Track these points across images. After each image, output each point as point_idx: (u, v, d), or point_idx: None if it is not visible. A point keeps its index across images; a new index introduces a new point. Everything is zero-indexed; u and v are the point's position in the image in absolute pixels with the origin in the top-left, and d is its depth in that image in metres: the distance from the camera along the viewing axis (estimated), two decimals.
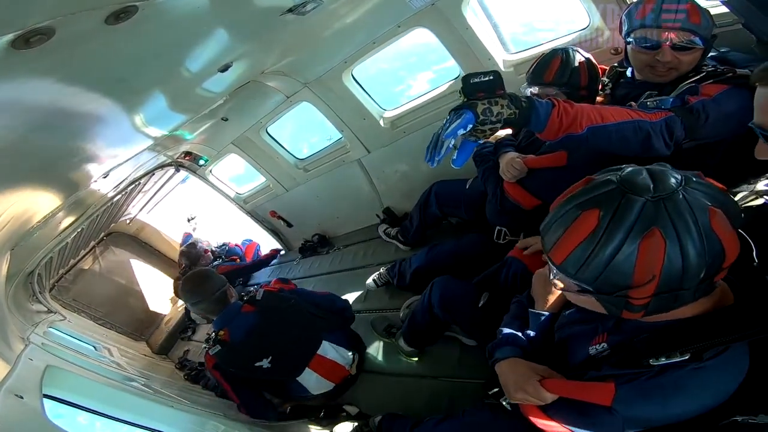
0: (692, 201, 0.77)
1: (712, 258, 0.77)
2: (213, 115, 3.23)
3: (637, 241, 0.78)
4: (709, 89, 1.51)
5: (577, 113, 1.34)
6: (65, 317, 3.86)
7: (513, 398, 1.18)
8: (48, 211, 2.19)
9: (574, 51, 1.93)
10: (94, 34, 0.87)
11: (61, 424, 1.35)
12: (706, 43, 1.56)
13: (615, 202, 0.80)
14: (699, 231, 0.76)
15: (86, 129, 1.57)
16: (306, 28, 2.23)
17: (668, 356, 0.85)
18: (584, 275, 0.85)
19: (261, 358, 2.39)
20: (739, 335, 0.81)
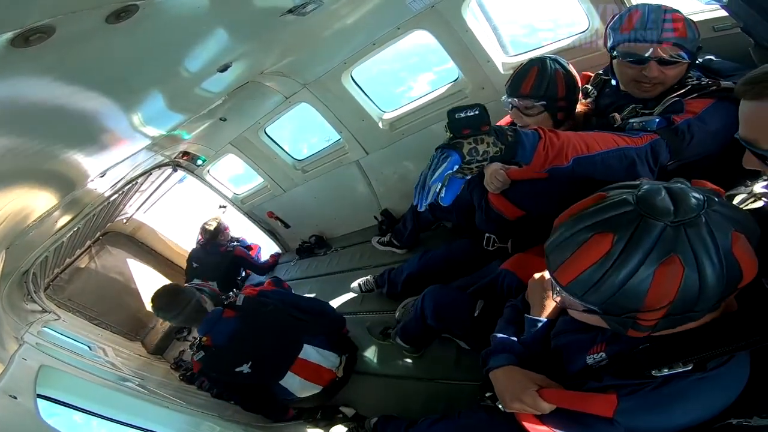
0: (714, 225, 0.74)
1: (730, 281, 0.76)
2: (211, 115, 3.22)
3: (653, 268, 0.75)
4: (694, 105, 1.51)
5: (563, 144, 1.34)
6: (60, 317, 3.83)
7: (509, 408, 1.15)
8: (44, 209, 2.18)
9: (552, 61, 1.90)
10: (94, 32, 0.87)
11: (56, 424, 1.34)
12: (691, 56, 1.55)
13: (632, 226, 0.76)
14: (720, 257, 0.73)
15: (84, 128, 1.56)
16: (306, 29, 2.23)
17: (671, 367, 0.83)
18: (592, 298, 0.83)
19: (241, 363, 2.38)
20: (743, 344, 0.79)
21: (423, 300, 2.11)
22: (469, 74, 2.79)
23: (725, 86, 1.52)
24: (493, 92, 2.80)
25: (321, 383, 2.53)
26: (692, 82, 1.58)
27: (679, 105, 1.53)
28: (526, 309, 1.38)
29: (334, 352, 2.62)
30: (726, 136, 1.38)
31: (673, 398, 0.86)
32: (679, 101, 1.53)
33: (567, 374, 1.13)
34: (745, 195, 0.96)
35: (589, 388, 1.00)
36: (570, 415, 1.02)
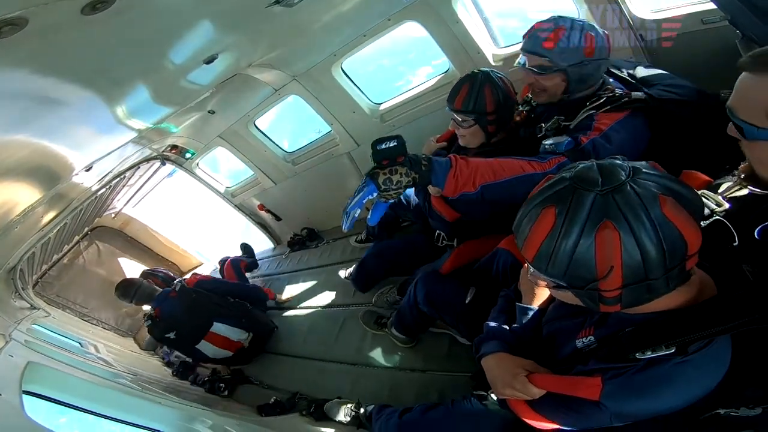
0: (641, 191, 0.79)
1: (671, 246, 0.78)
2: (199, 108, 3.17)
3: (592, 235, 0.80)
4: (603, 120, 1.61)
5: (472, 171, 1.48)
6: (49, 314, 3.79)
7: (500, 394, 1.18)
8: (28, 204, 2.13)
9: (484, 77, 2.00)
10: (69, 24, 0.84)
11: (43, 420, 1.33)
12: (570, 69, 1.67)
13: (568, 197, 0.83)
14: (651, 219, 0.77)
15: (65, 121, 1.53)
16: (294, 20, 2.19)
17: (654, 350, 0.86)
18: (554, 270, 0.87)
19: (170, 331, 3.38)
20: (724, 328, 0.81)
21: (415, 286, 2.13)
22: (459, 66, 2.77)
23: (636, 98, 1.62)
24: None
25: (230, 350, 3.41)
26: (607, 94, 1.68)
27: (588, 121, 1.65)
28: (518, 298, 1.40)
29: (242, 329, 3.43)
30: (633, 149, 1.60)
31: (657, 381, 0.88)
32: (590, 117, 1.65)
33: (557, 360, 1.15)
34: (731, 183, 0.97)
35: (577, 372, 1.02)
36: (559, 400, 1.04)
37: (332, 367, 2.87)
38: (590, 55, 1.68)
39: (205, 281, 3.69)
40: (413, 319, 2.28)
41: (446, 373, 2.27)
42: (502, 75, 2.06)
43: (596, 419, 0.98)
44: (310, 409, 2.49)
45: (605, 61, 1.72)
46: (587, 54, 1.69)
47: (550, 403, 1.08)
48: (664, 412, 0.92)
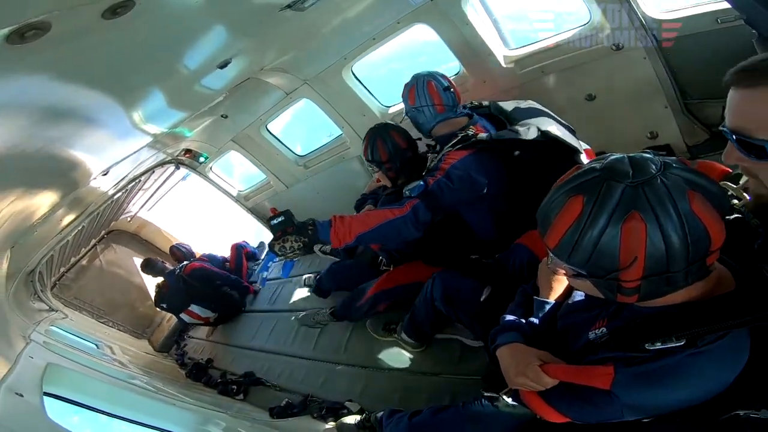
0: (671, 185, 0.79)
1: (695, 240, 0.78)
2: (212, 112, 3.23)
3: (618, 225, 0.80)
4: (449, 158, 1.93)
5: (347, 227, 1.87)
6: (67, 315, 3.87)
7: (513, 383, 1.16)
8: (48, 208, 2.19)
9: (378, 131, 2.42)
10: (90, 28, 0.86)
11: (63, 422, 1.35)
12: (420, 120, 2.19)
13: (598, 188, 0.83)
14: (678, 213, 0.77)
15: (84, 125, 1.56)
16: (305, 24, 2.22)
17: (663, 341, 0.85)
18: (576, 259, 0.87)
19: (163, 302, 4.78)
20: (735, 322, 0.80)
21: (432, 284, 2.12)
22: (470, 68, 2.77)
23: (480, 138, 1.92)
24: (494, 86, 2.78)
25: (200, 321, 4.77)
26: (462, 134, 1.98)
27: (439, 162, 1.97)
28: (536, 294, 1.40)
29: (210, 310, 4.66)
30: (474, 185, 1.94)
31: (669, 372, 0.86)
32: (443, 156, 1.97)
33: (570, 353, 1.13)
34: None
35: (588, 362, 1.01)
36: (572, 390, 1.02)
37: (343, 370, 2.86)
38: (412, 103, 2.17)
39: (198, 270, 4.69)
40: (427, 319, 2.27)
41: (457, 377, 2.24)
42: (396, 128, 2.45)
43: (608, 411, 0.96)
44: (321, 411, 2.49)
45: (428, 108, 2.12)
46: (410, 103, 2.18)
47: (563, 395, 1.06)
48: (677, 406, 0.90)
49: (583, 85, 2.53)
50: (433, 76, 2.13)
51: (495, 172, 1.99)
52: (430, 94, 2.11)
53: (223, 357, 4.14)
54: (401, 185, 2.26)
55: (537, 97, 2.74)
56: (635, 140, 2.55)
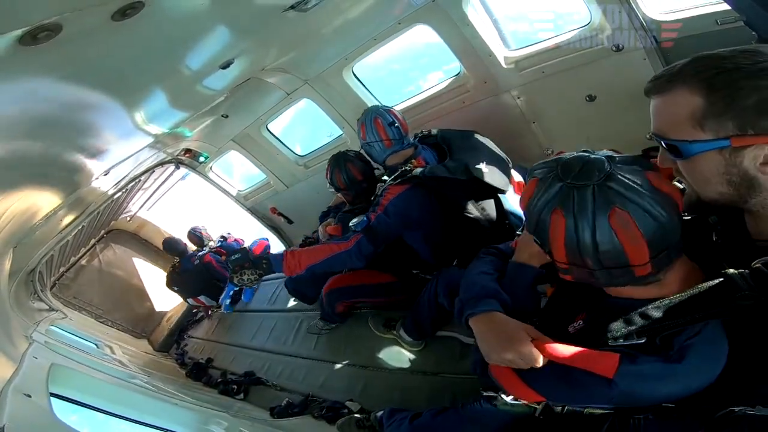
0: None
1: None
2: (213, 112, 3.23)
3: (606, 223, 0.84)
4: (388, 193, 2.14)
5: (297, 260, 2.12)
6: (66, 315, 3.86)
7: (498, 359, 1.02)
8: (49, 208, 2.19)
9: (337, 159, 2.67)
10: (100, 30, 0.87)
11: (71, 422, 1.36)
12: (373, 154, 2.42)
13: (569, 197, 0.87)
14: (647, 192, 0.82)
15: (89, 126, 1.57)
16: (307, 25, 2.22)
17: (626, 338, 0.88)
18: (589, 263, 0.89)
19: (174, 286, 5.14)
20: (686, 319, 0.83)
21: (437, 279, 2.15)
22: (471, 69, 2.78)
23: (414, 174, 2.12)
24: (495, 86, 2.79)
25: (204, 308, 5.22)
26: (402, 168, 2.18)
27: (380, 197, 2.18)
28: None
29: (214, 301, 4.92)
30: (409, 219, 2.18)
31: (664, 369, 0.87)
32: (384, 190, 2.18)
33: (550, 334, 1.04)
34: None
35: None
36: (559, 372, 0.96)
37: (344, 369, 2.87)
38: (364, 139, 2.38)
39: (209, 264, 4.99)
40: (429, 315, 2.29)
41: (458, 376, 2.25)
42: (354, 159, 2.66)
43: (598, 397, 0.94)
44: (322, 411, 2.50)
45: (377, 143, 2.33)
46: (362, 138, 2.39)
47: (549, 376, 0.98)
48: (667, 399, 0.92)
49: (584, 85, 2.54)
50: (380, 113, 2.32)
51: (428, 206, 2.20)
52: (378, 131, 2.31)
53: (223, 356, 4.15)
54: (359, 205, 2.64)
55: (537, 97, 2.78)
56: (635, 141, 2.55)
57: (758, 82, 0.71)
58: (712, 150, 0.77)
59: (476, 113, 2.99)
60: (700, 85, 0.75)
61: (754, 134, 0.72)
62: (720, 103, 0.73)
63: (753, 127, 0.72)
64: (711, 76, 0.75)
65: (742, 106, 0.72)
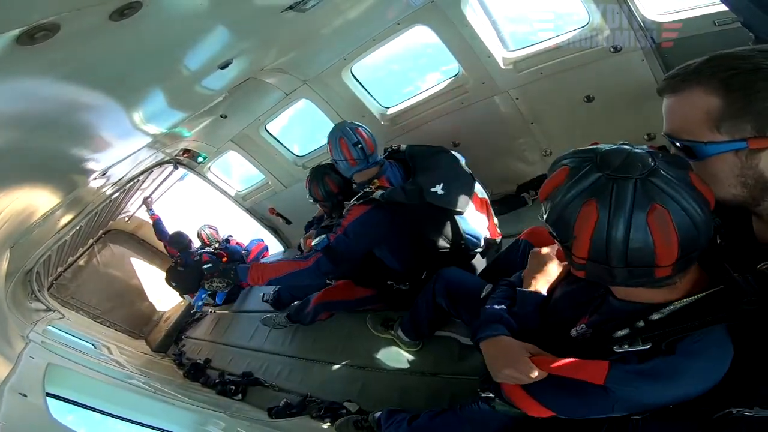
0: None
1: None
2: (212, 113, 3.22)
3: (644, 219, 0.80)
4: (350, 215, 2.24)
5: (260, 273, 2.31)
6: (64, 315, 3.85)
7: (499, 376, 1.14)
8: (47, 208, 2.19)
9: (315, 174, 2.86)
10: (98, 30, 0.87)
11: (67, 422, 1.35)
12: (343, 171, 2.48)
13: (608, 189, 0.83)
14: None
15: (87, 126, 1.57)
16: (306, 25, 2.22)
17: (631, 344, 0.87)
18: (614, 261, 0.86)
19: (173, 282, 5.24)
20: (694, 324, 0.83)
21: (436, 279, 2.15)
22: (469, 70, 2.78)
23: (373, 197, 2.19)
24: (494, 87, 2.80)
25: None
26: (365, 189, 2.26)
27: (341, 219, 2.29)
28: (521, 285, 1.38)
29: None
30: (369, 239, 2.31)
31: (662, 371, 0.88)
32: (345, 212, 2.30)
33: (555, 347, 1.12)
34: None
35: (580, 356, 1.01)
36: (559, 384, 1.01)
37: (342, 370, 2.87)
38: (332, 156, 2.44)
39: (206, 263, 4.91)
40: (426, 315, 2.29)
41: (456, 377, 2.26)
42: (332, 173, 2.79)
43: (598, 405, 0.96)
44: (320, 411, 2.50)
45: (342, 162, 2.39)
46: (331, 155, 2.46)
47: (551, 388, 1.04)
48: (670, 402, 0.91)
49: (582, 86, 2.55)
50: (345, 133, 2.35)
51: (390, 225, 2.28)
52: (342, 150, 2.36)
53: (221, 357, 4.14)
54: (336, 218, 2.77)
55: (536, 98, 2.78)
56: (633, 141, 2.52)
57: None
58: (728, 152, 0.76)
59: (475, 114, 2.99)
60: (717, 86, 0.74)
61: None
62: (738, 104, 0.72)
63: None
64: (728, 76, 0.73)
65: (760, 108, 0.71)
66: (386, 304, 2.87)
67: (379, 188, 2.23)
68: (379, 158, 2.45)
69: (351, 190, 2.69)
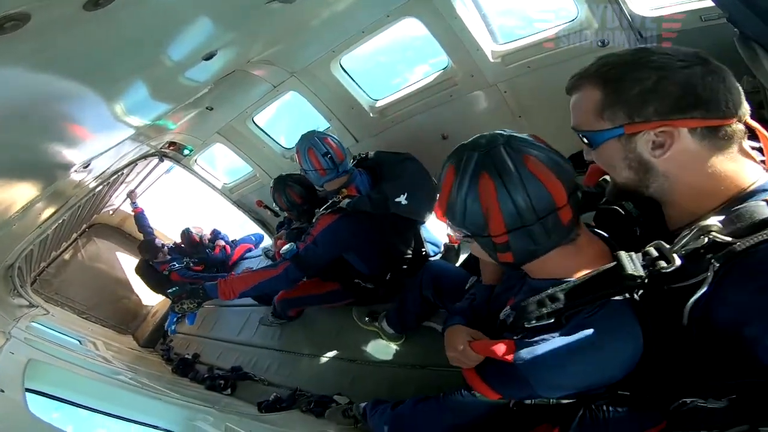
0: (510, 151, 0.94)
1: (536, 194, 0.92)
2: (197, 105, 3.16)
3: (476, 184, 0.95)
4: (319, 224, 2.31)
5: (230, 287, 2.35)
6: (48, 311, 3.77)
7: (449, 359, 1.28)
8: (26, 201, 2.12)
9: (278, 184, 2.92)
10: (72, 20, 0.84)
11: (47, 418, 1.33)
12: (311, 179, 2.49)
13: (462, 156, 0.99)
14: (518, 172, 0.92)
15: (64, 118, 1.52)
16: (293, 17, 2.18)
17: (538, 319, 0.94)
18: (457, 221, 1.02)
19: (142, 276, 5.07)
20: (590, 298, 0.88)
21: (423, 272, 2.19)
22: (458, 62, 2.77)
23: (341, 206, 2.25)
24: (483, 80, 2.79)
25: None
26: (333, 198, 2.33)
27: (310, 227, 2.35)
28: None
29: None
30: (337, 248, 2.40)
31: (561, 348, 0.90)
32: (314, 221, 2.35)
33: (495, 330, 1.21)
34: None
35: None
36: (496, 366, 1.08)
37: (332, 363, 2.89)
38: (301, 166, 2.47)
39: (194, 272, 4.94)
40: (414, 310, 2.33)
41: (445, 369, 2.27)
42: (294, 185, 2.88)
43: (522, 386, 1.00)
44: (310, 405, 2.51)
45: (312, 172, 2.42)
46: (300, 165, 2.48)
47: (492, 372, 1.13)
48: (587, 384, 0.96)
49: None
50: (313, 143, 2.38)
51: (358, 232, 2.36)
52: (311, 161, 2.39)
53: (209, 352, 4.12)
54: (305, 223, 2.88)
55: (524, 92, 2.79)
56: None
57: (639, 74, 0.78)
58: (612, 138, 0.84)
59: (464, 106, 2.99)
60: (598, 81, 0.84)
61: (641, 121, 0.79)
62: (612, 95, 0.81)
63: (639, 114, 0.79)
64: (606, 71, 0.83)
65: (628, 97, 0.79)
66: (356, 299, 2.94)
67: (346, 197, 2.29)
68: (349, 167, 2.49)
69: (316, 198, 2.81)
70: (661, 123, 0.77)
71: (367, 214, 2.27)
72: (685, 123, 0.77)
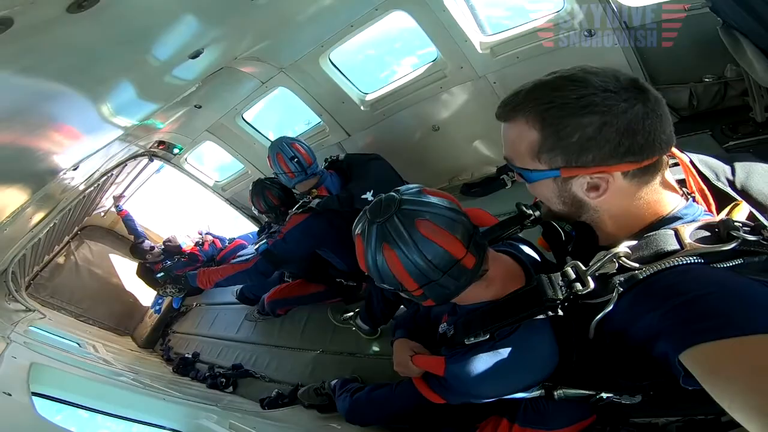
0: (403, 219, 0.98)
1: (434, 255, 0.97)
2: (186, 103, 3.13)
3: (381, 254, 1.01)
4: (290, 222, 2.46)
5: (207, 277, 2.69)
6: (45, 315, 3.76)
7: (396, 369, 1.42)
8: (16, 206, 2.11)
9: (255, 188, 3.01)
10: (55, 22, 0.83)
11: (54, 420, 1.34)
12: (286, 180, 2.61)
13: (365, 228, 1.04)
14: (413, 239, 0.97)
15: (51, 120, 1.51)
16: (280, 12, 2.17)
17: (475, 336, 1.02)
18: (380, 282, 1.07)
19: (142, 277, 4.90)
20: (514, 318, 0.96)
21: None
22: (447, 54, 2.77)
23: (311, 206, 2.39)
24: (472, 71, 2.80)
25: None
26: (303, 199, 2.47)
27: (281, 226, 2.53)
28: None
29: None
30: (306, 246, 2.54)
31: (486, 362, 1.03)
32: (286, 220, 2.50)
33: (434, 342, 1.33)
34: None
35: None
36: (435, 377, 1.21)
37: (332, 357, 2.91)
38: (272, 169, 2.60)
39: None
40: (379, 307, 2.48)
41: None
42: (272, 187, 2.97)
43: (455, 393, 1.15)
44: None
45: (282, 175, 2.55)
46: (271, 169, 2.61)
47: (434, 382, 1.24)
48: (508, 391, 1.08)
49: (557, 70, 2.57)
50: (281, 148, 2.49)
51: (328, 230, 2.47)
52: (280, 165, 2.51)
53: (209, 350, 4.13)
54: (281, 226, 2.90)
55: (513, 82, 2.77)
56: None
57: (581, 120, 0.76)
58: (547, 178, 0.85)
59: (454, 98, 3.00)
60: (535, 119, 0.80)
61: (578, 167, 0.79)
62: (551, 138, 0.79)
63: (577, 161, 0.79)
64: (544, 110, 0.79)
65: (568, 143, 0.78)
66: (343, 299, 3.11)
67: (316, 197, 2.43)
68: (318, 169, 2.62)
69: (293, 200, 2.86)
70: (598, 169, 0.78)
71: (337, 212, 2.38)
72: (620, 168, 0.78)
